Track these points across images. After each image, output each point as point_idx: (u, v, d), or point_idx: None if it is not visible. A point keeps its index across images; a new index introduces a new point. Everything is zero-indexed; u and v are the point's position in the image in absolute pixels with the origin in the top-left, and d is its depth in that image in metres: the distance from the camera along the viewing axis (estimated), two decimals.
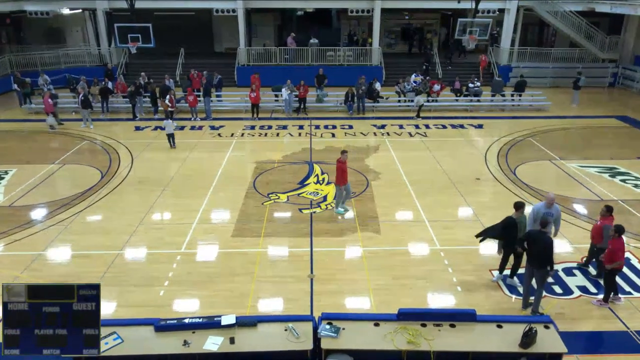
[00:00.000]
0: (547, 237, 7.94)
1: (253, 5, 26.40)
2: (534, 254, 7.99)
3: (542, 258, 7.88)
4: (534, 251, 7.98)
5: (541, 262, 7.90)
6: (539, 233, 7.96)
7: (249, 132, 18.90)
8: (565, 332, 7.10)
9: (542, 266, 7.92)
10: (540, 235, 7.93)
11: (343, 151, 11.66)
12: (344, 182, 11.58)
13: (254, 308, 8.42)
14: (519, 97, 22.81)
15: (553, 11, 25.84)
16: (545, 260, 7.86)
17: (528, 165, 15.36)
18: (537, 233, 8.00)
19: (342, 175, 11.46)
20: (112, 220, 11.66)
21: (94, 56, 27.24)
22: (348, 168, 11.66)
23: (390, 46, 32.24)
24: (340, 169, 11.44)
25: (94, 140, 17.74)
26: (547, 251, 7.83)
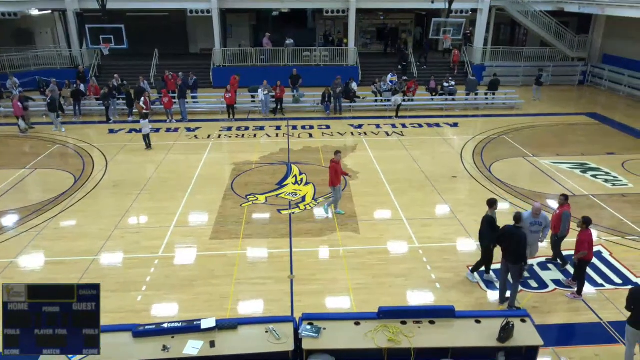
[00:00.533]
0: (521, 233, 8.06)
1: (228, 5, 26.20)
2: (509, 250, 8.14)
3: (517, 253, 8.03)
4: (509, 247, 8.12)
5: (516, 257, 8.05)
6: (514, 228, 8.09)
7: (225, 134, 18.76)
8: (542, 325, 7.29)
9: (517, 261, 8.07)
10: (515, 230, 8.06)
11: (337, 151, 11.62)
12: (338, 182, 11.49)
13: (234, 310, 8.36)
14: (492, 95, 23.21)
15: (524, 11, 26.38)
16: (520, 256, 8.03)
17: (502, 162, 15.64)
18: (511, 228, 8.13)
19: (336, 175, 11.36)
20: (86, 225, 11.43)
21: (65, 58, 26.62)
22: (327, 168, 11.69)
23: (366, 46, 32.42)
24: (334, 169, 11.33)
25: (66, 144, 17.35)
26: (521, 246, 7.99)
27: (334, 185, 11.50)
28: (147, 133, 16.52)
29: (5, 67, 24.73)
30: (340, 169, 11.58)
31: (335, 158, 11.43)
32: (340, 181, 11.56)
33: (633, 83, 24.45)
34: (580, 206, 12.29)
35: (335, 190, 11.63)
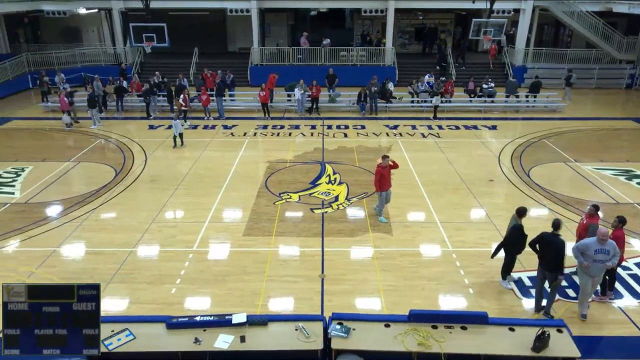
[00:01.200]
0: (559, 240, 7.78)
1: (267, 5, 26.48)
2: (547, 258, 7.90)
3: (554, 262, 7.79)
4: (547, 254, 7.88)
5: (553, 266, 7.82)
6: (552, 236, 7.84)
7: (261, 132, 18.96)
8: (579, 336, 7.04)
9: (554, 270, 7.83)
10: (553, 238, 7.81)
11: (384, 156, 11.17)
12: (382, 188, 11.06)
13: (265, 307, 8.44)
14: (533, 98, 22.57)
15: (569, 11, 25.53)
16: (557, 265, 7.78)
17: (542, 167, 15.19)
18: (549, 236, 7.88)
19: (382, 180, 10.98)
20: (125, 218, 11.78)
21: (109, 55, 27.55)
22: (361, 169, 11.59)
23: (404, 46, 32.12)
24: (379, 174, 10.96)
25: (108, 139, 17.93)
26: (559, 255, 7.74)
27: (379, 190, 11.11)
28: (180, 132, 16.72)
29: (54, 64, 25.82)
30: (388, 174, 11.08)
31: (382, 163, 11.00)
32: (387, 187, 11.15)
33: None
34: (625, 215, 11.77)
35: (381, 197, 11.25)
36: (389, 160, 11.06)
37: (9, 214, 11.94)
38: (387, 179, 11.13)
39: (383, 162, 11.00)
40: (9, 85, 24.49)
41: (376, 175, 11.06)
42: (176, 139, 16.76)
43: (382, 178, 10.99)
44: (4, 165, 14.99)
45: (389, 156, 11.21)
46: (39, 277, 9.24)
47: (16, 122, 20.18)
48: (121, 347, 6.00)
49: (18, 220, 11.61)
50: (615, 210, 12.00)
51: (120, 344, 6.00)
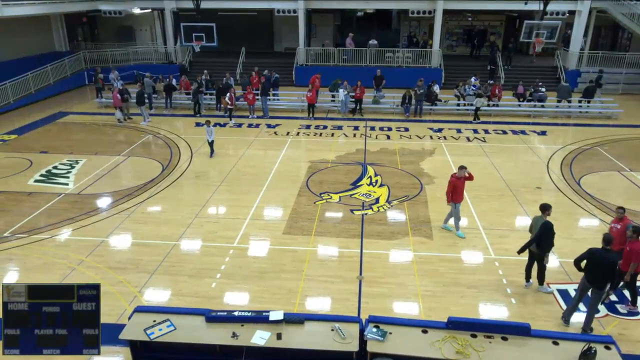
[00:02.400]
0: (613, 256, 7.38)
1: (314, 5, 26.62)
2: (597, 274, 7.47)
3: (604, 278, 7.40)
4: (597, 271, 7.45)
5: (602, 282, 7.43)
6: (603, 251, 7.42)
7: (304, 132, 19.08)
8: (628, 355, 6.69)
9: (602, 287, 7.45)
10: (605, 253, 7.40)
11: (461, 167, 10.57)
12: (454, 199, 10.53)
13: (302, 306, 8.49)
14: (587, 103, 21.65)
15: (629, 13, 24.30)
16: (607, 280, 7.40)
17: (594, 175, 14.55)
18: (600, 251, 7.46)
19: (453, 192, 10.43)
20: (170, 212, 12.14)
21: (160, 54, 28.48)
22: (403, 171, 11.40)
23: (452, 48, 31.53)
24: (452, 185, 10.42)
25: (157, 135, 18.53)
26: (612, 272, 7.36)
27: (453, 202, 10.56)
28: (211, 140, 15.76)
29: (109, 61, 26.93)
30: (462, 186, 10.47)
31: (458, 173, 10.43)
32: (460, 199, 10.56)
33: None
34: None
35: (456, 209, 10.64)
36: (466, 172, 10.46)
37: (63, 204, 12.55)
38: (461, 191, 10.49)
39: (459, 173, 10.41)
40: (67, 81, 25.74)
41: (449, 186, 10.50)
42: (210, 146, 15.90)
43: (455, 189, 10.40)
44: (60, 158, 15.78)
45: (466, 167, 10.55)
46: (87, 265, 9.67)
47: (72, 116, 21.18)
48: (162, 337, 6.18)
49: (71, 210, 12.18)
50: None
51: (161, 334, 6.19)
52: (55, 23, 27.62)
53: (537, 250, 8.57)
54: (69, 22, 28.54)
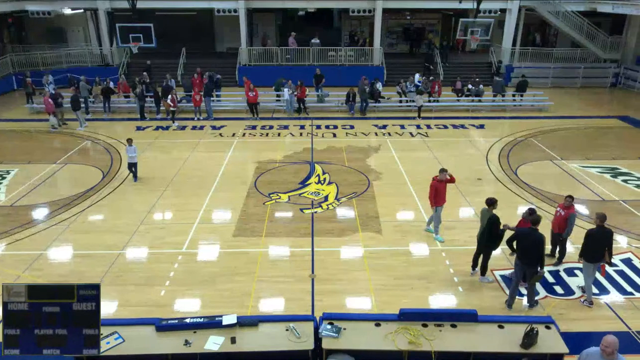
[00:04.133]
0: (537, 235, 7.88)
1: (254, 5, 26.41)
2: (525, 253, 7.99)
3: (533, 256, 7.91)
4: (525, 249, 7.98)
5: (532, 260, 7.94)
6: (530, 230, 7.96)
7: (250, 132, 18.90)
8: (567, 333, 7.11)
9: (533, 264, 7.95)
10: (532, 232, 7.92)
11: (441, 169, 10.33)
12: (439, 203, 10.33)
13: (255, 308, 8.42)
14: (520, 97, 22.79)
15: (555, 11, 25.82)
16: (537, 259, 7.90)
17: (529, 165, 15.35)
18: (527, 230, 8.02)
19: (437, 195, 10.23)
20: (113, 219, 11.68)
21: (95, 56, 27.28)
22: (350, 168, 11.53)
23: (392, 46, 32.22)
24: (434, 188, 10.20)
25: (95, 140, 17.75)
26: (538, 249, 7.86)
27: (435, 206, 10.41)
28: (133, 162, 13.72)
29: (39, 65, 25.49)
30: (444, 189, 10.25)
31: (439, 176, 10.21)
32: (442, 202, 10.37)
33: None
34: (610, 212, 11.95)
35: (437, 213, 10.50)
36: (447, 174, 10.28)
37: None
38: (443, 194, 10.30)
39: (440, 176, 10.20)
40: None
41: (431, 189, 10.29)
42: (133, 168, 13.85)
43: (437, 193, 10.22)
44: None
45: (447, 170, 10.37)
46: (25, 280, 9.12)
47: (0, 124, 19.90)
48: (110, 350, 5.94)
49: (4, 223, 11.45)
50: (601, 208, 12.17)
51: (109, 347, 5.94)
52: None
53: (486, 242, 8.92)
54: None
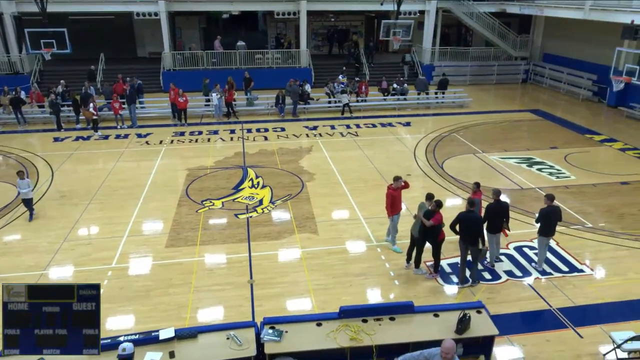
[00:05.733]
0: (474, 216, 8.71)
1: (176, 8, 25.66)
2: (467, 233, 8.73)
3: (475, 235, 8.70)
4: (468, 230, 8.71)
5: (473, 239, 8.75)
6: (468, 212, 8.71)
7: (178, 139, 18.36)
8: (496, 315, 7.56)
9: (475, 243, 8.74)
10: (470, 214, 8.69)
11: (396, 177, 10.09)
12: (395, 211, 10.10)
13: (194, 319, 8.19)
14: (442, 95, 23.86)
15: (469, 12, 27.31)
16: (477, 237, 8.72)
17: (454, 159, 16.11)
18: (466, 213, 8.74)
19: (393, 204, 9.98)
20: (33, 239, 10.89)
21: (2, 64, 25.26)
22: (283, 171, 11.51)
23: (318, 48, 32.57)
24: (390, 197, 9.95)
25: (8, 154, 16.47)
26: (477, 228, 8.68)
27: (390, 215, 10.19)
28: (28, 197, 11.68)
29: None
30: (400, 196, 10.11)
31: (394, 184, 9.99)
32: (398, 210, 10.16)
33: (572, 80, 25.75)
34: (528, 199, 12.86)
35: (393, 222, 10.28)
36: (402, 181, 10.09)
37: None
38: (399, 202, 10.13)
39: (395, 184, 9.98)
40: None
41: (387, 198, 10.01)
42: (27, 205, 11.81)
43: (395, 201, 9.98)
44: None
45: (401, 177, 10.17)
46: None
47: None
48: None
49: None
50: (521, 195, 13.04)
51: None
52: None
53: (419, 235, 9.25)
54: None
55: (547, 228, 9.40)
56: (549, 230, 9.42)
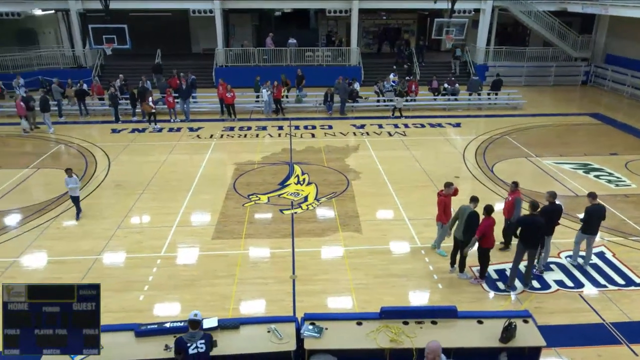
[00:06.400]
0: (539, 220, 8.54)
1: (230, 5, 26.21)
2: (529, 237, 8.57)
3: (536, 239, 8.67)
4: (530, 234, 8.55)
5: (535, 242, 8.69)
6: (531, 216, 8.58)
7: (228, 134, 18.77)
8: (544, 326, 7.27)
9: (537, 247, 8.79)
10: (533, 218, 8.55)
11: (448, 184, 9.81)
12: (447, 219, 9.77)
13: (236, 310, 8.37)
14: (495, 95, 23.16)
15: (527, 11, 26.32)
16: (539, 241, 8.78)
17: (505, 162, 15.61)
18: (529, 217, 8.63)
19: (445, 211, 9.75)
20: (89, 225, 11.45)
21: (68, 58, 26.67)
22: (329, 168, 11.50)
23: (369, 46, 32.38)
24: (442, 204, 9.74)
25: (69, 144, 17.39)
26: (540, 232, 8.62)
27: (441, 221, 9.92)
28: (75, 195, 11.61)
29: (9, 67, 24.82)
30: (450, 202, 9.81)
31: (445, 191, 9.73)
32: (449, 217, 9.73)
33: (636, 83, 24.34)
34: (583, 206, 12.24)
35: (444, 228, 9.91)
36: (453, 187, 9.81)
37: None
38: (450, 208, 9.82)
39: (446, 190, 9.72)
40: None
41: (439, 205, 9.78)
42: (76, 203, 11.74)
43: (447, 208, 9.74)
44: None
45: (452, 183, 9.93)
46: None
47: None
48: (88, 358, 5.82)
49: None
50: (575, 203, 12.47)
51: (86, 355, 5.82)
52: None
53: (462, 237, 9.03)
54: None
55: (590, 226, 9.36)
56: (592, 228, 9.37)
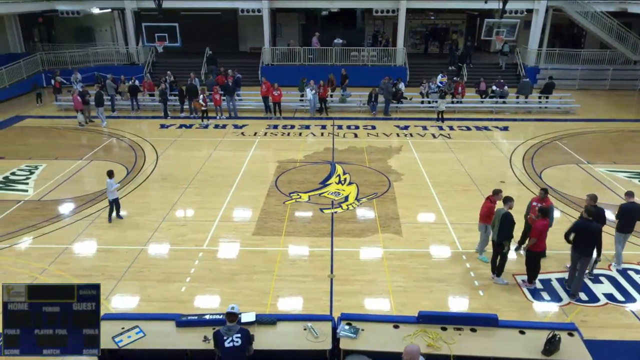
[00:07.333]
0: (594, 225, 8.38)
1: (278, 5, 26.54)
2: (583, 242, 8.41)
3: (590, 245, 8.45)
4: (584, 240, 8.39)
5: (589, 249, 8.46)
6: (587, 222, 8.36)
7: (271, 132, 19.00)
8: (590, 340, 6.94)
9: (590, 254, 8.50)
10: (589, 224, 8.33)
11: (496, 191, 9.69)
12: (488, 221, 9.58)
13: (274, 306, 8.46)
14: (546, 99, 22.36)
15: (583, 12, 25.23)
16: (593, 248, 8.51)
17: (554, 168, 15.04)
18: (585, 223, 8.38)
19: (488, 215, 9.55)
20: (136, 216, 11.87)
21: (122, 55, 27.80)
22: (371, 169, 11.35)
23: (415, 46, 31.98)
24: (486, 208, 9.62)
25: (121, 138, 18.09)
26: (595, 238, 8.43)
27: (484, 223, 9.75)
28: (114, 197, 11.48)
29: (67, 63, 26.10)
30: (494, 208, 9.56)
31: (495, 197, 9.60)
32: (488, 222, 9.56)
33: None
34: None
35: (487, 231, 9.74)
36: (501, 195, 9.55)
37: (23, 211, 12.10)
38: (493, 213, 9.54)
39: (496, 197, 9.58)
40: (24, 84, 24.79)
41: (483, 209, 9.70)
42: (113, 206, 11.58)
43: (490, 213, 9.54)
44: (17, 163, 15.20)
45: (501, 190, 9.72)
46: (50, 273, 9.35)
47: (30, 120, 20.46)
48: (131, 344, 6.05)
49: (31, 217, 11.76)
50: None
51: (130, 341, 6.05)
52: (9, 23, 26.61)
53: (496, 239, 8.85)
54: (24, 23, 27.52)
55: (625, 224, 9.27)
56: (627, 227, 9.29)
